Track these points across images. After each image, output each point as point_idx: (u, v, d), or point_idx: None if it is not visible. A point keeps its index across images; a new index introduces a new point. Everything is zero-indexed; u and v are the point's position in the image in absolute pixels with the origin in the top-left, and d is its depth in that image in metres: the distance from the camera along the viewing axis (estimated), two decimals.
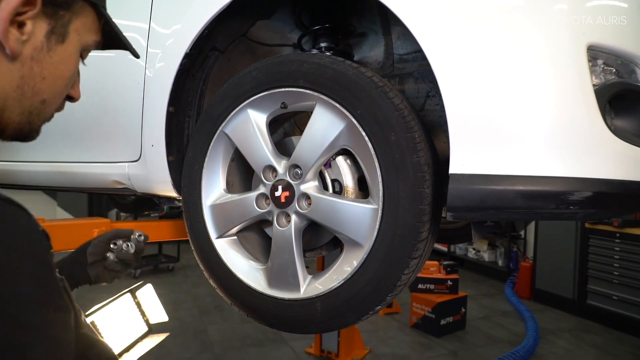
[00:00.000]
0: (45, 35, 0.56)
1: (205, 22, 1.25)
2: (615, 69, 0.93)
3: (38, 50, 0.55)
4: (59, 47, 0.57)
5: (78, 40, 0.60)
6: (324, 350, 3.97)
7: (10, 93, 0.55)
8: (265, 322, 1.21)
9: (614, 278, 4.76)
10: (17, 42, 0.53)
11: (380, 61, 1.49)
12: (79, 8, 0.59)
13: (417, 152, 0.97)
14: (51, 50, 0.57)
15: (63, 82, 0.60)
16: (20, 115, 0.57)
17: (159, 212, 6.14)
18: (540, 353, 4.14)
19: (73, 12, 0.58)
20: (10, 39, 0.52)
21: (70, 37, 0.59)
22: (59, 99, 0.62)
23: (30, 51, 0.55)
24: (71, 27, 0.58)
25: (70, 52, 0.59)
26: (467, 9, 0.93)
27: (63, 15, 0.57)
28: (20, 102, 0.56)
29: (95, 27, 0.63)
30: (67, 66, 0.60)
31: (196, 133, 1.32)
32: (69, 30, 0.58)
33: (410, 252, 0.98)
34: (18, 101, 0.56)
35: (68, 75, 0.60)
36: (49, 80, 0.58)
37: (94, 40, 0.64)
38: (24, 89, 0.56)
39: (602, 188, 0.87)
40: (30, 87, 0.56)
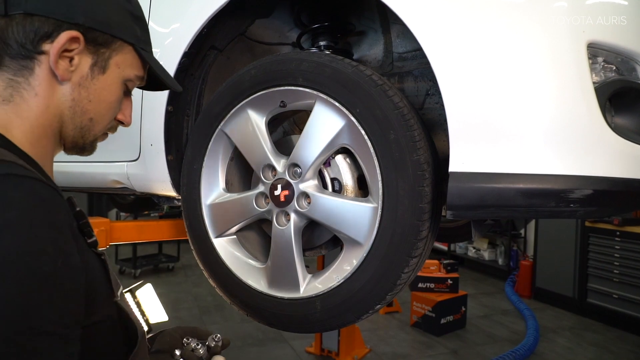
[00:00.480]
0: (90, 67, 0.70)
1: (204, 21, 1.25)
2: (615, 67, 0.93)
3: (84, 78, 0.70)
4: (100, 76, 0.71)
5: (118, 72, 0.73)
6: (324, 349, 3.98)
7: (65, 112, 0.70)
8: (265, 322, 1.21)
9: (614, 276, 4.76)
10: (66, 71, 0.67)
11: (380, 59, 1.49)
12: (117, 46, 0.72)
13: (417, 150, 0.96)
14: (94, 79, 0.71)
15: (106, 105, 0.74)
16: (74, 130, 0.72)
17: (159, 212, 6.15)
18: (541, 351, 4.14)
19: (113, 50, 0.71)
20: (60, 69, 0.66)
21: (111, 69, 0.72)
22: (105, 118, 0.75)
23: (78, 79, 0.69)
24: (111, 61, 0.72)
25: (111, 81, 0.73)
26: (466, 7, 0.93)
27: (104, 52, 0.71)
28: (73, 119, 0.71)
29: (136, 63, 0.76)
30: (109, 92, 0.73)
31: (195, 132, 1.31)
32: (109, 64, 0.72)
33: (410, 250, 0.97)
34: (71, 119, 0.71)
35: (110, 99, 0.74)
36: (94, 103, 0.72)
37: (134, 75, 0.76)
38: (75, 109, 0.70)
39: (602, 186, 0.87)
40: (79, 107, 0.71)
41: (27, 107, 0.67)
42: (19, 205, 0.53)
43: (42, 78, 0.67)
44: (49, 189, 0.57)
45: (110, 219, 1.74)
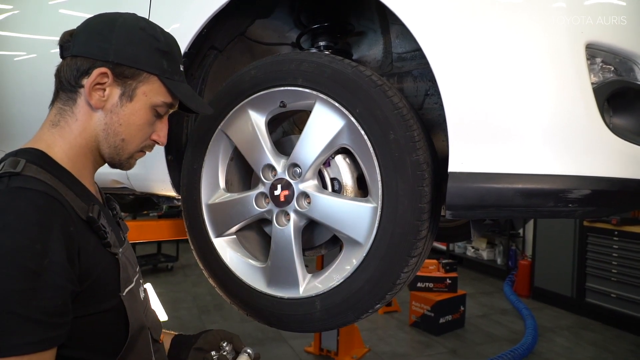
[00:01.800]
0: (119, 96, 0.83)
1: (204, 21, 1.25)
2: (613, 67, 0.94)
3: (114, 106, 0.83)
4: (128, 103, 0.83)
5: (145, 100, 0.84)
6: (323, 349, 3.98)
7: (100, 133, 0.84)
8: (265, 321, 1.21)
9: (613, 276, 4.77)
10: (99, 101, 0.81)
11: (379, 60, 1.49)
12: (144, 78, 0.84)
13: (416, 150, 0.97)
14: (123, 106, 0.83)
15: (136, 128, 0.85)
16: (109, 149, 0.85)
17: (158, 212, 6.14)
18: (539, 351, 4.15)
19: (139, 81, 0.83)
20: (94, 99, 0.81)
21: (138, 97, 0.84)
22: (136, 139, 0.87)
23: (110, 106, 0.83)
24: (138, 91, 0.84)
25: (139, 107, 0.84)
26: (465, 7, 0.93)
27: (130, 83, 0.83)
28: (107, 140, 0.84)
29: (162, 91, 0.86)
30: (137, 117, 0.85)
31: (195, 132, 1.32)
32: (136, 93, 0.84)
33: (409, 250, 0.98)
34: (105, 139, 0.84)
35: (138, 122, 0.85)
36: (124, 126, 0.84)
37: (162, 101, 0.86)
38: (108, 131, 0.84)
39: (600, 186, 0.87)
40: (112, 130, 0.84)
41: (69, 130, 0.82)
42: (17, 211, 0.66)
43: (81, 106, 0.82)
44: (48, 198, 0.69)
45: None
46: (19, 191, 0.68)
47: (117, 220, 0.96)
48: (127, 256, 0.88)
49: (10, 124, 1.84)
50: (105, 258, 0.78)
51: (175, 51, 0.89)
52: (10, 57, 1.81)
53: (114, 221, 0.94)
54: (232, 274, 1.24)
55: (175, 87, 0.87)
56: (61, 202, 0.71)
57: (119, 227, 0.95)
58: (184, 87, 0.91)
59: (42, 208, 0.67)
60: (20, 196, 0.67)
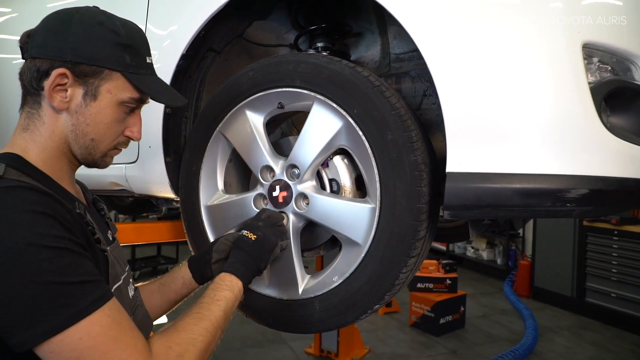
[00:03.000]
0: (82, 96, 0.81)
1: (202, 23, 1.25)
2: (610, 67, 0.94)
3: (79, 106, 0.81)
4: (93, 102, 0.82)
5: (110, 97, 0.82)
6: (323, 350, 3.98)
7: (68, 135, 0.82)
8: (264, 323, 1.21)
9: (613, 275, 4.77)
10: (61, 102, 0.80)
11: (377, 60, 1.50)
12: (106, 75, 0.81)
13: (414, 151, 0.97)
14: (88, 106, 0.81)
15: (104, 126, 0.84)
16: (80, 149, 0.84)
17: (157, 214, 6.14)
18: (540, 351, 4.14)
19: (101, 79, 0.81)
20: (55, 101, 0.79)
21: (102, 95, 0.82)
22: (106, 137, 0.85)
23: (74, 107, 0.81)
24: (101, 89, 0.81)
25: (105, 105, 0.82)
26: (462, 8, 0.93)
27: (92, 82, 0.81)
28: (76, 141, 0.83)
29: (128, 87, 0.84)
30: (104, 116, 0.83)
31: (193, 134, 1.32)
32: (99, 91, 0.81)
33: (408, 250, 0.98)
34: (75, 140, 0.83)
35: (106, 121, 0.83)
36: (92, 126, 0.83)
37: (128, 97, 0.84)
38: (76, 132, 0.82)
39: (598, 185, 0.87)
40: (80, 130, 0.82)
41: (38, 134, 0.81)
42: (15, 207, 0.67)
43: (46, 109, 0.81)
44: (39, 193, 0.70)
45: None
46: (8, 190, 0.68)
47: (105, 221, 0.96)
48: (115, 255, 0.87)
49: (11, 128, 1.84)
50: (95, 254, 0.78)
51: (139, 44, 0.86)
52: (9, 60, 1.81)
53: (102, 221, 0.95)
54: None
55: (141, 82, 0.84)
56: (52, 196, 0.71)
57: (107, 227, 0.95)
58: (151, 80, 0.88)
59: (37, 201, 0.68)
60: (11, 194, 0.68)
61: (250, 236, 1.03)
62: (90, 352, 0.65)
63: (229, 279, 0.95)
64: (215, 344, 0.84)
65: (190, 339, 0.77)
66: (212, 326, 0.82)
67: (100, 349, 0.66)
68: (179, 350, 0.74)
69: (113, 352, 0.67)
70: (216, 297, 0.89)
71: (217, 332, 0.84)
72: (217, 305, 0.87)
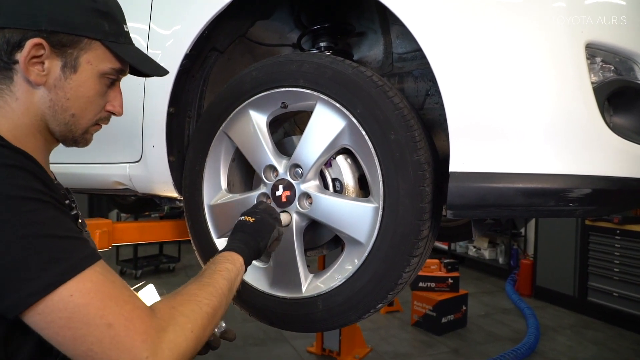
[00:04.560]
0: (61, 68, 0.75)
1: (205, 23, 1.26)
2: (613, 67, 0.94)
3: (58, 79, 0.75)
4: (73, 75, 0.76)
5: (91, 68, 0.77)
6: (325, 348, 3.98)
7: (45, 111, 0.76)
8: (268, 321, 1.21)
9: (615, 275, 4.76)
10: (38, 76, 0.73)
11: (380, 60, 1.50)
12: (85, 45, 0.76)
13: (417, 150, 0.97)
14: (68, 79, 0.75)
15: (85, 100, 0.78)
16: (59, 126, 0.78)
17: (160, 213, 6.15)
18: (542, 350, 4.14)
19: (80, 49, 0.75)
20: (32, 74, 0.72)
21: (82, 66, 0.76)
22: (87, 112, 0.80)
23: (52, 81, 0.74)
24: (81, 59, 0.76)
25: (86, 78, 0.77)
26: (465, 7, 0.93)
27: (72, 52, 0.75)
28: (55, 117, 0.77)
29: (108, 57, 0.79)
30: (86, 88, 0.77)
31: (197, 133, 1.32)
32: (79, 62, 0.76)
33: (411, 250, 0.98)
34: (53, 117, 0.77)
35: (88, 94, 0.78)
36: (72, 100, 0.77)
37: (110, 68, 0.79)
38: (55, 108, 0.76)
39: (601, 185, 0.87)
40: (59, 106, 0.76)
41: (10, 110, 0.74)
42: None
43: (20, 84, 0.74)
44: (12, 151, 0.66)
45: (111, 219, 1.75)
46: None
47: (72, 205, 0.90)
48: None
49: None
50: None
51: (115, 11, 0.81)
52: None
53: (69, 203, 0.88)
54: None
55: (122, 51, 0.79)
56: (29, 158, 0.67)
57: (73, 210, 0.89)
58: (132, 49, 0.83)
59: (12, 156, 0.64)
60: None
61: (248, 219, 1.01)
62: (83, 311, 0.58)
63: (229, 254, 0.90)
64: (220, 314, 0.79)
65: (195, 301, 0.72)
66: (216, 291, 0.77)
67: (95, 304, 0.59)
68: (184, 311, 0.69)
69: (110, 309, 0.60)
70: (218, 268, 0.84)
71: (222, 300, 0.79)
72: (220, 274, 0.82)
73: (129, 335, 0.59)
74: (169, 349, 0.62)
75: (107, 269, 0.64)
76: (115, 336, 0.59)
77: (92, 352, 0.58)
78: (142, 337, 0.60)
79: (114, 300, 0.61)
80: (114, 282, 0.63)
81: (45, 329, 0.59)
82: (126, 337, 0.59)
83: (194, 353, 0.69)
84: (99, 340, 0.58)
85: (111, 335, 0.59)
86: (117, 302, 0.61)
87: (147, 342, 0.60)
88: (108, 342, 0.58)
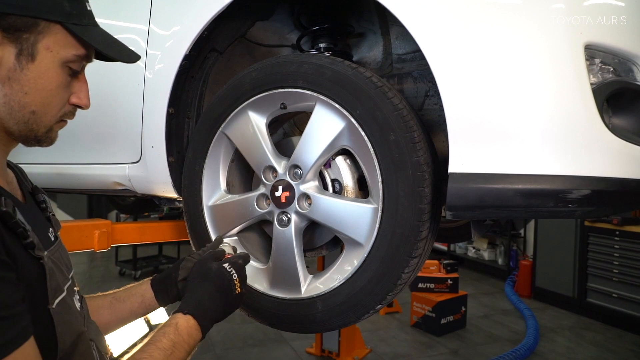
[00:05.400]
0: (15, 57, 0.64)
1: (205, 24, 1.26)
2: (612, 68, 0.94)
3: (12, 71, 0.64)
4: (31, 65, 0.65)
5: (51, 56, 0.66)
6: (324, 349, 3.98)
7: (1, 109, 0.65)
8: (267, 322, 1.21)
9: (614, 276, 4.76)
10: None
11: (379, 61, 1.50)
12: (43, 28, 0.65)
13: (417, 151, 0.97)
14: (25, 69, 0.65)
15: (47, 94, 0.67)
16: (17, 125, 0.67)
17: (159, 213, 6.15)
18: (541, 351, 4.14)
19: (38, 33, 0.65)
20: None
21: (41, 54, 0.65)
22: (50, 108, 0.69)
23: (6, 72, 0.64)
24: (39, 45, 0.65)
25: (45, 67, 0.66)
26: (464, 8, 0.93)
27: (27, 37, 0.64)
28: (12, 115, 0.66)
29: (71, 42, 0.68)
30: (46, 80, 0.66)
31: (196, 134, 1.32)
32: (37, 49, 0.65)
33: (410, 251, 0.98)
34: (9, 114, 0.66)
35: (49, 87, 0.67)
36: (31, 95, 0.66)
37: (73, 54, 0.69)
38: (11, 104, 0.65)
39: (600, 186, 0.87)
40: (15, 102, 0.65)
41: None
42: None
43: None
44: None
45: (111, 220, 1.75)
46: None
47: (46, 216, 0.79)
48: (55, 259, 0.71)
49: None
50: (27, 262, 0.62)
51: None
52: None
53: (42, 216, 0.78)
54: None
55: (86, 34, 0.68)
56: None
57: (49, 223, 0.78)
58: (97, 31, 0.72)
59: None
60: None
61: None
62: None
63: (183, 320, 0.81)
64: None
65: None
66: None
67: None
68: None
69: None
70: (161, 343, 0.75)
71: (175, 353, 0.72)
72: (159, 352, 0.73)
73: None
74: None
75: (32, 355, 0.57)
76: None
77: None
78: None
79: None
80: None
81: None
82: None
83: None
84: None
85: None
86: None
87: None
88: None
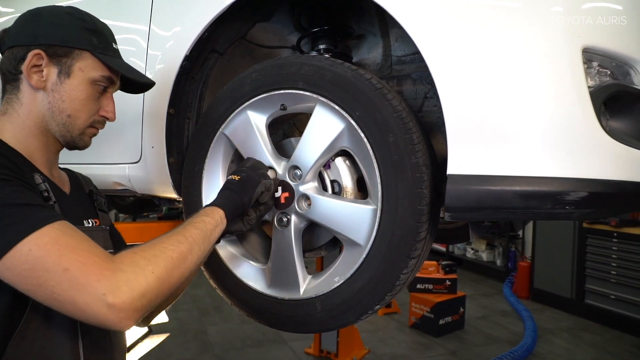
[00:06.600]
0: (57, 75, 0.89)
1: (205, 25, 1.26)
2: (610, 71, 0.95)
3: (54, 84, 0.89)
4: (67, 80, 0.90)
5: (82, 75, 0.90)
6: (323, 350, 3.98)
7: (45, 113, 0.90)
8: (266, 322, 1.22)
9: (612, 277, 4.78)
10: (39, 82, 0.88)
11: (379, 63, 1.50)
12: (76, 55, 0.90)
13: (416, 153, 0.98)
14: (63, 83, 0.89)
15: (79, 102, 0.91)
16: (57, 126, 0.91)
17: (158, 213, 6.14)
18: (539, 352, 4.15)
19: (73, 58, 0.90)
20: (34, 80, 0.88)
21: (75, 73, 0.90)
22: (81, 113, 0.92)
23: (50, 85, 0.89)
24: (74, 67, 0.90)
25: (78, 82, 0.90)
26: (463, 11, 0.94)
27: (65, 61, 0.89)
28: (53, 117, 0.90)
29: (98, 66, 0.92)
30: (78, 91, 0.90)
31: (196, 135, 1.33)
32: (72, 70, 0.90)
33: (409, 252, 0.99)
34: (52, 117, 0.90)
35: (81, 97, 0.91)
36: (67, 102, 0.90)
37: (99, 75, 0.92)
38: (53, 109, 0.90)
39: (597, 188, 0.88)
40: (56, 107, 0.90)
41: (16, 115, 0.89)
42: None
43: (24, 91, 0.89)
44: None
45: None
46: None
47: (95, 210, 1.04)
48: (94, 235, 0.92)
49: None
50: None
51: (104, 31, 0.95)
52: None
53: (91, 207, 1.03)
54: (233, 275, 1.25)
55: (109, 60, 0.92)
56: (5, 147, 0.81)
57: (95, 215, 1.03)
58: (119, 61, 0.96)
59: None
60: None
61: (234, 178, 1.06)
62: (42, 261, 0.65)
63: (209, 209, 0.97)
64: (192, 260, 0.82)
65: (160, 247, 0.77)
66: (185, 239, 0.82)
67: (52, 254, 0.66)
68: (145, 255, 0.74)
69: (65, 256, 0.66)
70: (193, 221, 0.90)
71: (194, 247, 0.83)
72: (193, 225, 0.88)
73: (84, 276, 0.66)
74: (126, 286, 0.67)
75: (68, 226, 0.71)
76: (72, 278, 0.65)
77: (56, 294, 0.66)
78: (96, 277, 0.66)
79: (70, 249, 0.67)
80: (73, 236, 0.70)
81: (15, 282, 0.67)
82: (81, 277, 0.66)
83: (159, 294, 0.73)
84: (58, 283, 0.65)
85: (68, 278, 0.65)
86: (74, 250, 0.67)
87: (102, 281, 0.66)
88: (66, 284, 0.65)
